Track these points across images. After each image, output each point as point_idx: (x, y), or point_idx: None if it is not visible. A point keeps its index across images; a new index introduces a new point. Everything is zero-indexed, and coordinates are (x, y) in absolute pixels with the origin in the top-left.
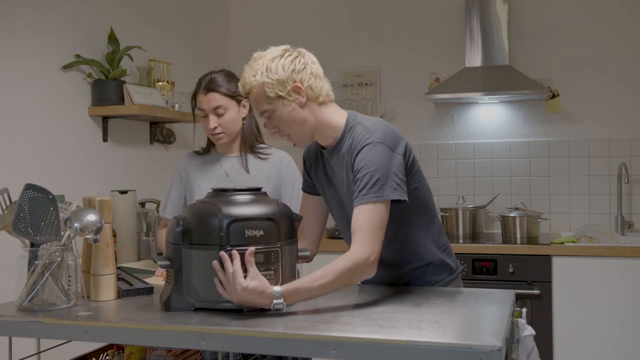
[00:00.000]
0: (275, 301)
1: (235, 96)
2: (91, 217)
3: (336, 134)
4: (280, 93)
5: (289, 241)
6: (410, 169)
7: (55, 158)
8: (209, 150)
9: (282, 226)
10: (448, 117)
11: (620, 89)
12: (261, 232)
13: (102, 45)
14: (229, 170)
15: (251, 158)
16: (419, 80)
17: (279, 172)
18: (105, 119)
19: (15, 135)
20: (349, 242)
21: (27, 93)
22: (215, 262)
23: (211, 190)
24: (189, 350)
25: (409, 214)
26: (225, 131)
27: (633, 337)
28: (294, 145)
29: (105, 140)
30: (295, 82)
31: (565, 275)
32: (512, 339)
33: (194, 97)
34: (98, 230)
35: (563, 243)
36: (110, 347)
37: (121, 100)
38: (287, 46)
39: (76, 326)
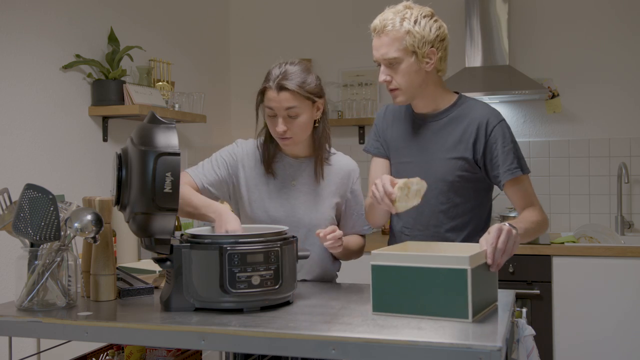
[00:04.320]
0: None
1: (311, 97)
2: (91, 217)
3: (446, 103)
4: (418, 50)
5: (289, 241)
6: None
7: (55, 158)
8: (271, 144)
9: None
10: None
11: (620, 88)
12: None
13: (102, 45)
14: (297, 178)
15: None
16: None
17: (346, 184)
18: (105, 119)
19: (15, 135)
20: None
21: (27, 93)
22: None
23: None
24: (188, 350)
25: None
26: (295, 136)
27: (633, 337)
28: (395, 100)
29: (105, 140)
30: (433, 47)
31: (565, 275)
32: (512, 339)
33: (262, 92)
34: (98, 230)
35: (563, 243)
36: (110, 347)
37: (121, 100)
38: (432, 10)
39: (76, 326)
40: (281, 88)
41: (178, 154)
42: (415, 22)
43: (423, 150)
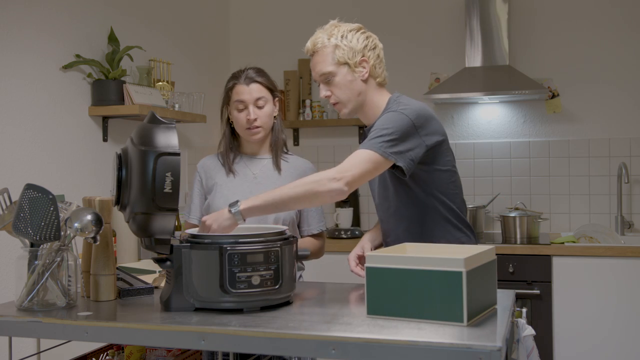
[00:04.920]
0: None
1: (273, 90)
2: (91, 217)
3: (377, 113)
4: (349, 61)
5: (289, 241)
6: (432, 159)
7: (55, 158)
8: (231, 151)
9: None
10: (448, 117)
11: (620, 88)
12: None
13: (102, 45)
14: (258, 173)
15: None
16: (419, 80)
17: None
18: (105, 119)
19: (15, 135)
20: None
21: (27, 93)
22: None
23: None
24: (188, 350)
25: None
26: (263, 125)
27: (633, 337)
28: (340, 113)
29: (105, 140)
30: (364, 56)
31: (565, 275)
32: (512, 339)
33: (230, 90)
34: (98, 230)
35: (563, 243)
36: (110, 347)
37: (121, 100)
38: (361, 25)
39: (76, 326)
40: (251, 81)
41: (178, 154)
42: (342, 36)
43: None
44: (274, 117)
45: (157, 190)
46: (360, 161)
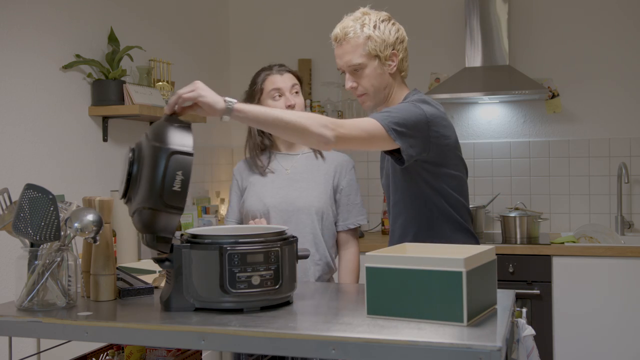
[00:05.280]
0: (227, 99)
1: (301, 82)
2: (91, 217)
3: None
4: (380, 54)
5: (289, 241)
6: (440, 161)
7: (55, 158)
8: (263, 150)
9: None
10: (448, 117)
11: (620, 88)
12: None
13: (102, 45)
14: (291, 168)
15: (311, 156)
16: (419, 80)
17: (340, 173)
18: (105, 119)
19: (15, 135)
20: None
21: (27, 93)
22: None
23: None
24: (188, 350)
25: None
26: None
27: (633, 337)
28: (363, 105)
29: (105, 140)
30: (394, 49)
31: (565, 275)
32: (512, 339)
33: (263, 82)
34: (98, 230)
35: (563, 243)
36: (110, 347)
37: (121, 100)
38: (388, 14)
39: (76, 326)
40: (285, 70)
41: (191, 154)
42: (374, 27)
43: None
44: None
45: (166, 187)
46: (360, 124)
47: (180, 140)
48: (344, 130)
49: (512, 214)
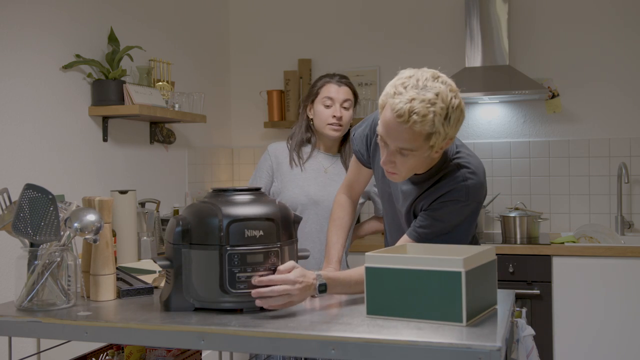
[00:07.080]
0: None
1: (357, 98)
2: (91, 217)
3: (431, 164)
4: (435, 145)
5: (288, 241)
6: None
7: (55, 158)
8: (306, 144)
9: (282, 226)
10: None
11: (620, 88)
12: (261, 232)
13: (102, 45)
14: (329, 167)
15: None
16: None
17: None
18: (105, 119)
19: (15, 135)
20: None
21: (27, 93)
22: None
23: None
24: (188, 350)
25: None
26: (344, 125)
27: (633, 337)
28: (390, 177)
29: (105, 140)
30: (451, 139)
31: (565, 275)
32: (512, 339)
33: (321, 87)
34: (98, 230)
35: (563, 243)
36: (110, 347)
37: (121, 100)
38: (453, 83)
39: (76, 326)
40: (343, 83)
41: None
42: (446, 117)
43: (388, 184)
44: (350, 124)
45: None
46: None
47: None
48: None
49: (512, 214)
